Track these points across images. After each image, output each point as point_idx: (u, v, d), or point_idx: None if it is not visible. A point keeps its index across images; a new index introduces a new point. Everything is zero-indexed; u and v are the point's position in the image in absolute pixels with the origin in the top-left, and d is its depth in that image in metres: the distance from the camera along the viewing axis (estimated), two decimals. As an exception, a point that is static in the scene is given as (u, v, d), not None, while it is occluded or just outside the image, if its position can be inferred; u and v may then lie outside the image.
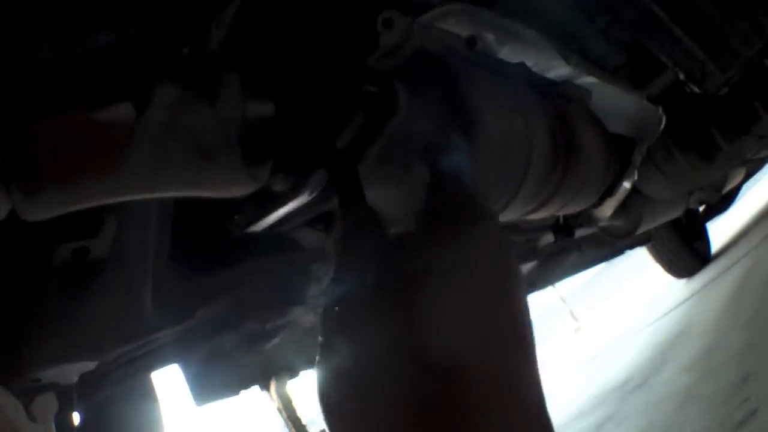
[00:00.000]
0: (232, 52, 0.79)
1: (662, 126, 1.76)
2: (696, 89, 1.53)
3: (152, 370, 1.54)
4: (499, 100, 1.01)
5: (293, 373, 1.99)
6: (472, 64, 1.02)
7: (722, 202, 4.52)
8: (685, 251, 5.29)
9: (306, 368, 2.01)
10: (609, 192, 1.54)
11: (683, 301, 5.30)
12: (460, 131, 0.91)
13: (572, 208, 1.38)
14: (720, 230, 6.33)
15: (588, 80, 1.52)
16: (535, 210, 1.22)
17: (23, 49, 0.63)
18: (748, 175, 3.88)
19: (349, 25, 0.94)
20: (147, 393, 1.79)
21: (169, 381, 1.78)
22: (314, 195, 0.79)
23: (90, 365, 1.18)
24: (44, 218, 0.69)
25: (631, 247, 3.77)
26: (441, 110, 0.91)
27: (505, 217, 1.15)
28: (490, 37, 1.21)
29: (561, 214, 1.38)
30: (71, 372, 1.17)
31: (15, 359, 1.09)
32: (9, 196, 0.64)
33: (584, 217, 2.13)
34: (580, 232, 2.48)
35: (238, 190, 0.79)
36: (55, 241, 1.01)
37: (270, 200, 0.82)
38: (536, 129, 1.08)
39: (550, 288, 3.52)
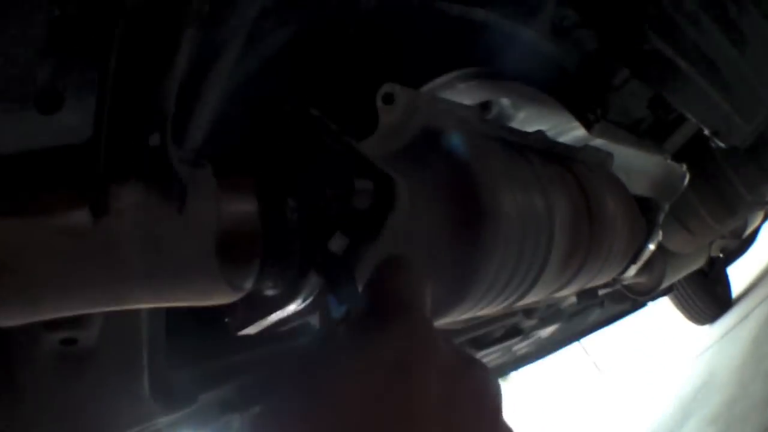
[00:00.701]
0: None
1: (686, 182, 1.68)
2: (721, 144, 1.44)
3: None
4: (515, 179, 0.91)
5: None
6: (484, 138, 0.92)
7: (742, 245, 4.45)
8: (707, 298, 5.18)
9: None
10: (634, 259, 1.44)
11: (705, 350, 5.24)
12: (471, 222, 0.82)
13: (599, 281, 1.28)
14: (738, 272, 6.24)
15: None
16: (560, 290, 1.12)
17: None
18: (766, 217, 3.81)
19: (343, 102, 0.86)
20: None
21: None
22: (308, 300, 0.70)
23: (90, 452, 1.16)
24: (11, 326, 0.62)
25: (653, 298, 3.68)
26: (448, 199, 0.82)
27: (529, 299, 1.06)
28: (504, 101, 1.13)
29: (588, 287, 1.28)
30: (72, 458, 1.14)
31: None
32: None
33: (607, 278, 2.05)
34: (602, 291, 2.40)
35: (218, 299, 0.70)
36: (40, 331, 0.96)
37: (262, 305, 0.73)
38: (557, 205, 0.98)
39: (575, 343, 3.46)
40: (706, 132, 1.39)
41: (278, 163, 0.71)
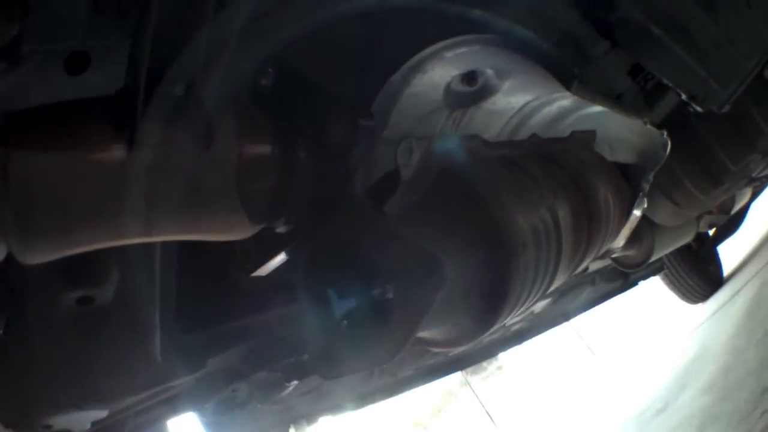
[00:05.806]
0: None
1: (668, 150, 1.73)
2: (698, 108, 1.49)
3: (168, 419, 1.55)
4: (526, 204, 0.98)
5: (311, 420, 2.00)
6: (492, 165, 0.98)
7: (731, 223, 4.49)
8: (699, 277, 5.23)
9: (324, 415, 2.03)
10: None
11: (697, 327, 5.30)
12: (496, 262, 0.89)
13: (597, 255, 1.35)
14: (729, 251, 6.29)
15: (590, 111, 1.48)
16: (568, 277, 1.19)
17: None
18: (755, 195, 3.84)
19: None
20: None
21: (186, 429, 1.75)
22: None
23: (101, 413, 1.19)
24: (40, 261, 0.69)
25: (645, 277, 3.72)
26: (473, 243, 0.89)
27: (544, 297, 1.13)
28: (489, 72, 1.18)
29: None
30: (83, 419, 1.17)
31: (24, 406, 1.10)
32: (5, 238, 0.63)
33: (597, 251, 2.10)
34: (593, 266, 2.43)
35: (238, 233, 0.77)
36: (60, 290, 1.01)
37: (274, 242, 0.80)
38: (561, 215, 1.05)
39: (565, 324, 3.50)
40: (684, 96, 1.44)
41: (293, 113, 0.77)
